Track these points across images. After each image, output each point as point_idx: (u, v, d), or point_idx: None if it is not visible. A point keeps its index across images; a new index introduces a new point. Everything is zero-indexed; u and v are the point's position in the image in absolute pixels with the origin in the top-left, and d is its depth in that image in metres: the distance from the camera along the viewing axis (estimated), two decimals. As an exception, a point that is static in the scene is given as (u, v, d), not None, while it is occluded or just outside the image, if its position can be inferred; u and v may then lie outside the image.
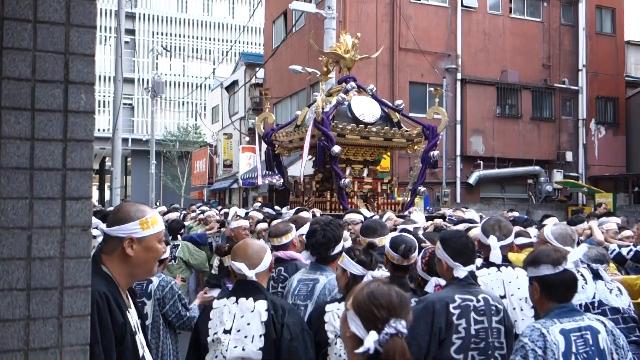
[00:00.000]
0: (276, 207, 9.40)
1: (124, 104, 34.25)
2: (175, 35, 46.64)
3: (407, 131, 7.96)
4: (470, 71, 19.80)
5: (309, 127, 7.34)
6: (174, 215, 9.11)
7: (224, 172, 30.38)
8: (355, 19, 18.29)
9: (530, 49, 20.68)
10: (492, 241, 3.32)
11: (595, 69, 21.60)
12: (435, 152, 7.94)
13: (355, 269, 2.88)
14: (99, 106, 42.60)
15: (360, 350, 1.62)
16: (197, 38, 47.30)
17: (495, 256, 3.30)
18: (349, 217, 5.47)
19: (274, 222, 5.38)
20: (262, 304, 2.77)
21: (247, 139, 27.26)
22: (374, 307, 1.67)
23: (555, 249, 2.63)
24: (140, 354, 1.97)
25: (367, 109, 7.72)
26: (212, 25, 47.70)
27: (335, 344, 2.91)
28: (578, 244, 3.68)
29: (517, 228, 4.69)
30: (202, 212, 9.77)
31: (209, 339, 2.79)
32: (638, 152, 21.34)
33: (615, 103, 22.23)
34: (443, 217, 7.50)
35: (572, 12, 21.57)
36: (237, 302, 2.81)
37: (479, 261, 3.09)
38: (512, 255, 4.02)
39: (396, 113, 8.12)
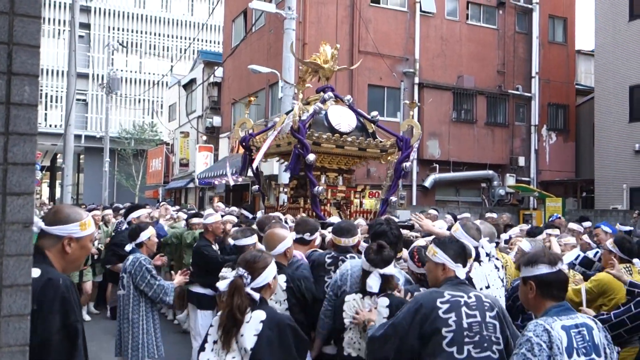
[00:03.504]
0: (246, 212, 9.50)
1: (78, 99, 33.42)
2: (132, 31, 45.68)
3: (381, 142, 8.05)
4: (428, 76, 20.10)
5: (285, 133, 7.38)
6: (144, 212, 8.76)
7: (180, 171, 29.99)
8: (315, 20, 18.32)
9: (485, 55, 21.14)
10: (484, 242, 3.79)
11: (547, 76, 22.24)
12: (407, 164, 8.04)
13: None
14: (51, 101, 41.41)
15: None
16: (155, 34, 46.44)
17: (485, 255, 3.83)
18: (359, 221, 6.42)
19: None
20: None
21: (205, 138, 26.97)
22: (237, 265, 2.84)
23: (548, 252, 2.82)
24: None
25: (343, 119, 7.78)
26: (171, 22, 46.93)
27: None
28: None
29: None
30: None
31: None
32: (587, 158, 22.06)
33: (565, 110, 22.94)
34: (412, 227, 7.55)
35: (526, 20, 22.16)
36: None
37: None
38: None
39: (372, 124, 8.20)
